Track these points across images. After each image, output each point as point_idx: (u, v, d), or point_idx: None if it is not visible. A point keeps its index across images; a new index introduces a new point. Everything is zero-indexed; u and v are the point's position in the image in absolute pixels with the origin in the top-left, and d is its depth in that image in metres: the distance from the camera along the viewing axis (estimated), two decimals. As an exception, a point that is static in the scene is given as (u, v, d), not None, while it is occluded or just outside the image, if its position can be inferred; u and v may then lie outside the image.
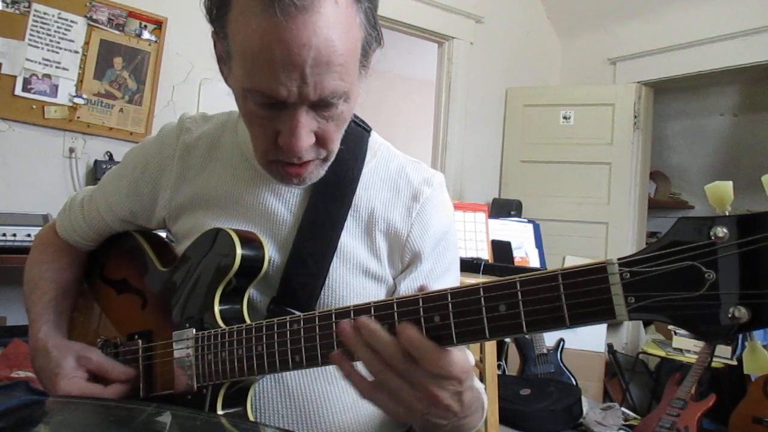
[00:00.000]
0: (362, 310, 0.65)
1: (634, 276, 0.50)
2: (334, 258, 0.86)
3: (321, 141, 0.77)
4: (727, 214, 0.48)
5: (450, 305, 0.60)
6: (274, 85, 0.69)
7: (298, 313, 0.78)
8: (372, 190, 0.91)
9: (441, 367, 0.60)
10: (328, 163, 0.82)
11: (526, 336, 3.30)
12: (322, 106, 0.72)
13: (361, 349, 0.63)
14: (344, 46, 0.69)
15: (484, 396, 0.87)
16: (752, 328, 0.46)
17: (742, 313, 0.46)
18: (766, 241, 0.45)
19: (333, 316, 0.67)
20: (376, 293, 0.89)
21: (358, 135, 0.93)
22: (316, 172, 0.81)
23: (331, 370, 0.87)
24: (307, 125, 0.73)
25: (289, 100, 0.71)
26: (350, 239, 0.88)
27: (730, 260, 0.47)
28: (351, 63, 0.71)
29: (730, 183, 0.48)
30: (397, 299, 0.63)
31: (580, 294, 0.53)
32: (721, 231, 0.47)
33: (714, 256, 0.47)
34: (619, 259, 0.51)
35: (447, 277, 0.93)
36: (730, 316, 0.46)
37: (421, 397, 0.62)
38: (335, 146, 0.80)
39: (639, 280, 0.50)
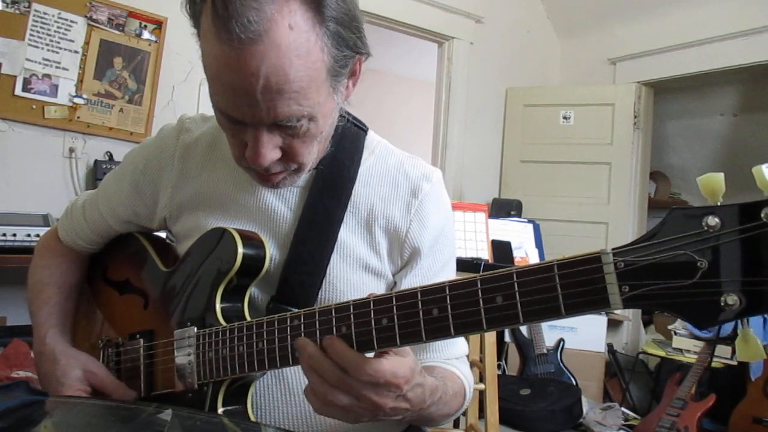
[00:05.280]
0: (361, 304, 0.66)
1: (629, 265, 0.51)
2: (334, 254, 0.87)
3: (288, 156, 0.78)
4: (719, 204, 0.48)
5: (448, 298, 0.61)
6: (230, 106, 0.71)
7: (297, 310, 0.78)
8: (371, 186, 0.91)
9: (369, 375, 0.63)
10: (303, 172, 0.83)
11: (523, 330, 3.30)
12: (282, 126, 0.73)
13: (307, 372, 0.67)
14: (299, 72, 0.68)
15: (465, 382, 0.89)
16: (745, 316, 0.47)
17: (734, 300, 0.47)
18: (756, 230, 0.46)
19: (333, 311, 0.67)
20: (375, 288, 0.90)
21: (354, 134, 0.94)
22: (290, 179, 0.83)
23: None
24: (269, 143, 0.74)
25: (246, 121, 0.72)
26: (350, 236, 0.89)
27: (721, 249, 0.47)
28: (311, 87, 0.71)
29: (722, 174, 0.48)
30: (396, 293, 0.64)
31: (576, 284, 0.53)
32: (712, 220, 0.48)
33: (706, 245, 0.48)
34: (613, 249, 0.52)
35: (444, 273, 0.94)
36: (722, 303, 0.47)
37: (367, 407, 0.65)
38: (306, 159, 0.80)
39: (633, 269, 0.51)
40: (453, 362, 0.92)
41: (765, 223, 0.45)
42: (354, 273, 0.88)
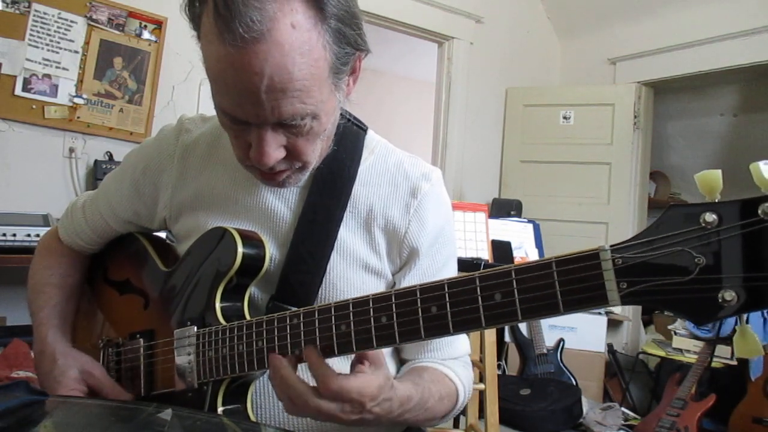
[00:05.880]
0: (361, 303, 0.66)
1: (627, 262, 0.51)
2: (334, 254, 0.87)
3: (292, 154, 0.78)
4: (717, 201, 0.48)
5: (447, 296, 0.61)
6: (234, 107, 0.72)
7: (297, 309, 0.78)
8: (370, 186, 0.91)
9: (331, 390, 0.66)
10: (308, 170, 0.83)
11: (523, 330, 3.30)
12: (286, 126, 0.73)
13: (277, 390, 0.71)
14: (302, 71, 0.69)
15: (458, 384, 0.89)
16: (743, 312, 0.47)
17: (732, 296, 0.47)
18: (754, 226, 0.46)
19: (332, 309, 0.68)
20: (375, 288, 0.90)
21: (354, 134, 0.94)
22: (295, 178, 0.83)
23: (330, 364, 0.87)
24: (273, 142, 0.74)
25: (250, 121, 0.72)
26: (349, 235, 0.89)
27: (719, 245, 0.48)
28: (314, 85, 0.71)
29: (719, 171, 0.48)
30: (395, 291, 0.64)
31: (574, 281, 0.54)
32: (710, 217, 0.48)
33: (704, 241, 0.48)
34: (611, 246, 0.52)
35: (444, 272, 0.94)
36: (720, 299, 0.47)
37: (332, 419, 0.68)
38: (311, 157, 0.80)
39: (631, 266, 0.51)
40: (449, 363, 0.91)
41: (762, 219, 0.45)
42: (354, 272, 0.88)
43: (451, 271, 0.96)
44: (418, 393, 0.77)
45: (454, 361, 0.93)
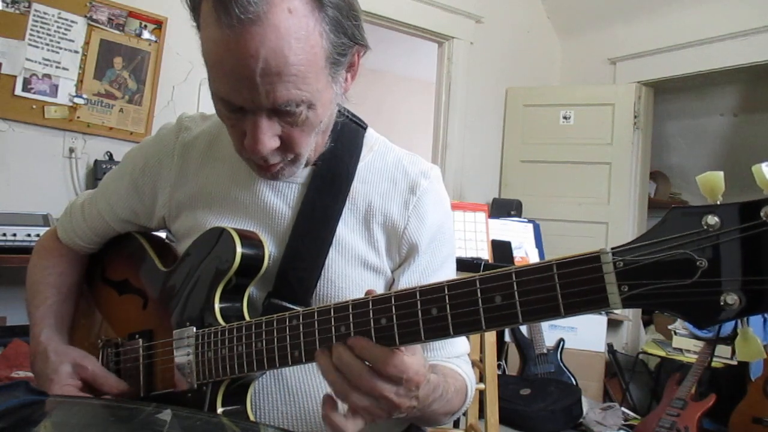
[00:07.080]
0: (360, 304, 0.66)
1: (628, 265, 0.51)
2: (332, 251, 0.87)
3: (286, 145, 0.78)
4: (719, 203, 0.48)
5: (447, 297, 0.61)
6: (230, 92, 0.72)
7: (293, 307, 0.78)
8: (369, 183, 0.92)
9: (395, 366, 0.63)
10: (300, 163, 0.83)
11: (523, 330, 3.30)
12: (281, 113, 0.73)
13: (331, 374, 0.66)
14: (298, 56, 0.69)
15: (467, 379, 0.89)
16: (745, 315, 0.47)
17: (734, 299, 0.46)
18: (756, 229, 0.46)
19: (332, 311, 0.67)
20: (374, 285, 0.90)
21: (353, 131, 0.94)
22: (289, 170, 0.83)
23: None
24: (268, 130, 0.74)
25: (245, 107, 0.72)
26: (348, 232, 0.89)
27: (721, 248, 0.47)
28: (309, 72, 0.71)
29: (721, 173, 0.48)
30: (395, 293, 0.64)
31: (575, 283, 0.53)
32: (712, 219, 0.47)
33: (706, 244, 0.48)
34: (612, 249, 0.52)
35: (443, 270, 0.94)
36: (722, 302, 0.47)
37: (385, 407, 0.66)
38: (304, 149, 0.80)
39: (632, 269, 0.51)
40: (454, 360, 0.92)
41: (765, 222, 0.45)
42: (352, 269, 0.88)
43: (450, 269, 0.96)
44: (441, 382, 0.76)
45: (457, 359, 0.93)
